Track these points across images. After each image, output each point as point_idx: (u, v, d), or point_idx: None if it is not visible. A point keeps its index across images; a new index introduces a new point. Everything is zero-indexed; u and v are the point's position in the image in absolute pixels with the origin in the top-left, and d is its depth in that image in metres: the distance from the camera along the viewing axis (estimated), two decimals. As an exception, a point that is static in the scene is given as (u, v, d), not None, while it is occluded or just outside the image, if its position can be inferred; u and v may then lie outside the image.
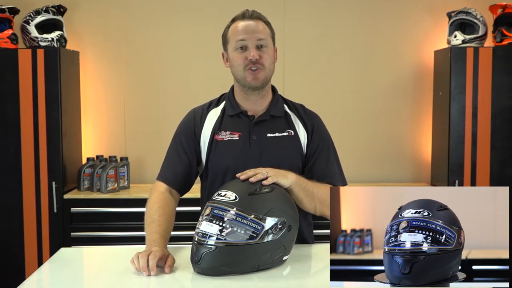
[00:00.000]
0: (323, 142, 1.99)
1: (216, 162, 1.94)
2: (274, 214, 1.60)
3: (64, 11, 3.70)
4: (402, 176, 4.02)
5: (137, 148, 3.96)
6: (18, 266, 3.49)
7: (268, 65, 1.91)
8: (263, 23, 1.94)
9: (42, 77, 3.47)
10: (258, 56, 1.88)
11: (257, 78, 1.90)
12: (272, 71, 1.95)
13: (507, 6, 3.65)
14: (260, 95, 1.96)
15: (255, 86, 1.92)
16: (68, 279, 1.64)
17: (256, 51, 1.89)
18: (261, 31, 1.91)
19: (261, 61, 1.89)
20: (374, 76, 3.98)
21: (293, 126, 1.98)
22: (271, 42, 1.94)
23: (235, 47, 1.91)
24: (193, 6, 3.91)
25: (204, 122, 1.98)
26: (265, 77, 1.91)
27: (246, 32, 1.89)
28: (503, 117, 3.60)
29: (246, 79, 1.91)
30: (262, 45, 1.90)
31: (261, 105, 1.98)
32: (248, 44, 1.89)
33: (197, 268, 1.60)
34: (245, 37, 1.89)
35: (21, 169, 3.49)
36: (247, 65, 1.89)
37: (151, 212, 1.85)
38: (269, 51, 1.92)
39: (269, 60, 1.92)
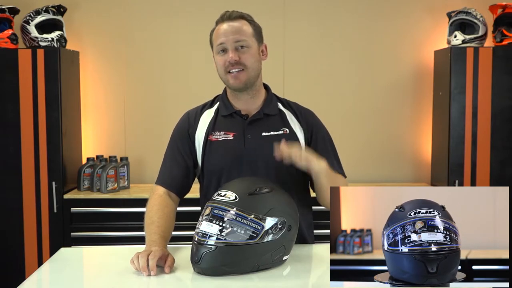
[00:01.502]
0: (322, 139, 1.99)
1: (211, 162, 1.94)
2: (274, 214, 1.60)
3: (64, 11, 3.70)
4: (402, 176, 4.02)
5: (137, 148, 3.96)
6: (18, 266, 3.49)
7: (251, 64, 1.89)
8: (245, 22, 1.91)
9: (42, 77, 3.47)
10: (237, 57, 1.87)
11: (239, 79, 1.89)
12: (257, 69, 1.93)
13: (507, 6, 3.64)
14: (251, 95, 1.96)
15: (238, 87, 1.91)
16: (68, 279, 1.64)
17: (235, 52, 1.87)
18: (241, 32, 1.89)
19: (241, 61, 1.88)
20: (374, 76, 3.98)
21: (288, 124, 1.98)
22: (253, 40, 1.91)
23: (217, 51, 1.91)
24: (193, 6, 3.91)
25: (198, 123, 1.98)
26: (247, 77, 1.90)
27: (225, 35, 1.88)
28: (503, 117, 3.60)
29: (229, 82, 1.91)
30: (242, 45, 1.88)
31: (253, 104, 1.97)
32: (227, 47, 1.88)
33: (197, 268, 1.60)
34: (224, 40, 1.88)
35: (21, 169, 3.49)
36: (227, 68, 1.89)
37: (150, 214, 1.85)
38: (251, 50, 1.90)
39: (251, 59, 1.89)
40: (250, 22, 1.93)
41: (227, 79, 1.91)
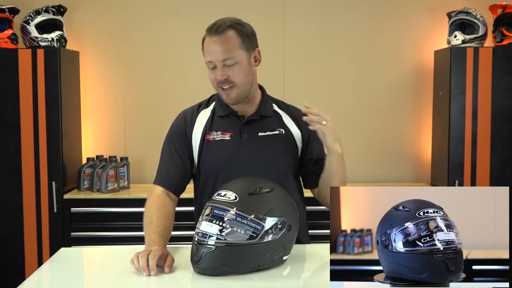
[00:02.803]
0: (319, 143, 1.97)
1: (208, 161, 1.96)
2: (274, 214, 1.60)
3: (64, 11, 3.70)
4: (402, 176, 4.02)
5: (137, 148, 3.96)
6: (18, 266, 3.49)
7: (240, 81, 1.89)
8: (232, 33, 1.87)
9: (42, 77, 3.47)
10: (226, 75, 1.87)
11: (230, 96, 1.91)
12: (249, 83, 1.92)
13: (507, 6, 3.64)
14: (245, 102, 1.97)
15: (231, 103, 1.94)
16: (68, 279, 1.64)
17: (223, 70, 1.87)
18: (228, 48, 1.86)
19: (229, 79, 1.88)
20: (374, 76, 3.98)
21: (284, 125, 2.00)
22: (241, 53, 1.88)
23: (207, 66, 1.92)
24: (193, 6, 3.91)
25: (194, 122, 2.00)
26: (238, 94, 1.91)
27: (213, 54, 1.87)
28: (503, 117, 3.59)
29: (222, 97, 1.94)
30: (229, 63, 1.87)
31: (249, 107, 1.99)
32: (216, 64, 1.88)
33: (197, 268, 1.60)
34: (212, 59, 1.88)
35: (21, 169, 3.49)
36: (218, 83, 1.90)
37: (149, 214, 1.85)
38: (240, 66, 1.88)
39: (240, 75, 1.88)
40: (239, 30, 1.88)
41: (220, 94, 1.94)
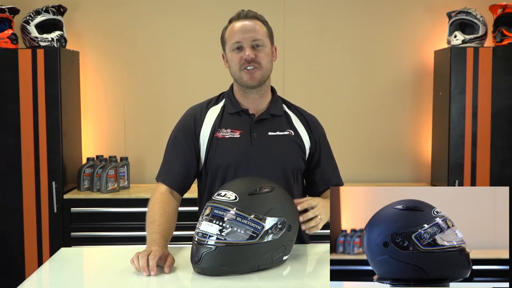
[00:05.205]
0: (325, 151, 2.04)
1: (217, 159, 1.94)
2: (274, 214, 1.60)
3: (64, 11, 3.70)
4: (402, 176, 4.02)
5: (137, 148, 3.96)
6: (18, 266, 3.49)
7: (265, 64, 1.92)
8: (259, 22, 1.94)
9: (42, 77, 3.47)
10: (254, 55, 1.89)
11: (253, 77, 1.91)
12: (270, 70, 1.96)
13: (507, 6, 3.64)
14: (259, 94, 1.97)
15: (252, 85, 1.92)
16: (68, 279, 1.64)
17: (252, 50, 1.89)
18: (257, 31, 1.91)
19: (257, 59, 1.90)
20: (374, 76, 3.98)
21: (294, 126, 2.00)
22: (268, 41, 1.94)
23: (232, 48, 1.92)
24: (193, 6, 3.91)
25: (203, 120, 1.98)
26: (261, 76, 1.92)
27: (242, 33, 1.90)
28: (503, 117, 3.59)
29: (243, 79, 1.92)
30: (258, 44, 1.90)
31: (261, 103, 1.99)
32: (243, 44, 1.90)
33: (197, 268, 1.60)
34: (240, 38, 1.90)
35: (21, 169, 3.49)
36: (242, 65, 1.90)
37: (151, 213, 1.85)
38: (266, 50, 1.92)
39: (266, 59, 1.92)
40: (264, 23, 1.96)
41: (241, 76, 1.92)
